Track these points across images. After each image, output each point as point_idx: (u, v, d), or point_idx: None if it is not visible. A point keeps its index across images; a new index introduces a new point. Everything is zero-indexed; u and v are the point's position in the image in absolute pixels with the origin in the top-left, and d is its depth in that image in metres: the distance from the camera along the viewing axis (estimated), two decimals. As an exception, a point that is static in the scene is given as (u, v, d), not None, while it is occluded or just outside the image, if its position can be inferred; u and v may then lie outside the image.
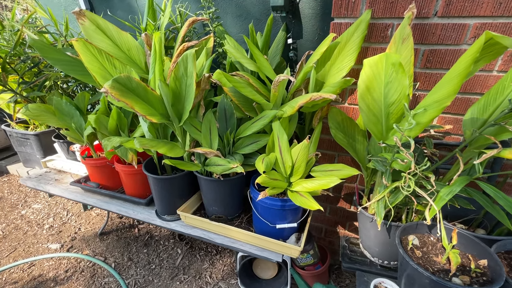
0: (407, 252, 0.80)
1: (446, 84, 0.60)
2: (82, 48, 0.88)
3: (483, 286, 0.67)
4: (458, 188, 0.67)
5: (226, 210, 1.16)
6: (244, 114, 1.13)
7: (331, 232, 1.42)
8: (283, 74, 0.90)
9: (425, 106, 0.66)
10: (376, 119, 0.83)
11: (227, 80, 0.88)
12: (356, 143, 0.99)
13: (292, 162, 0.93)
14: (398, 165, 0.74)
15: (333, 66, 0.98)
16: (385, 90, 0.78)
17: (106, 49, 1.02)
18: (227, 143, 1.07)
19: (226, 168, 0.95)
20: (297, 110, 0.88)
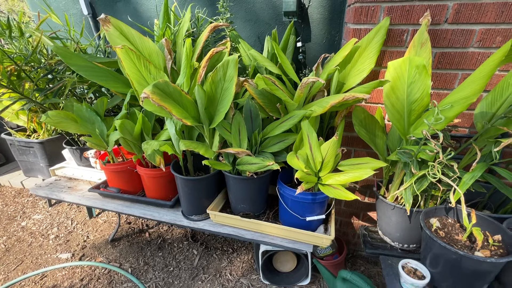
0: (433, 233, 0.90)
1: (472, 84, 0.70)
2: (124, 55, 0.91)
3: (502, 257, 0.78)
4: (479, 173, 0.78)
5: (253, 207, 1.21)
6: (267, 115, 1.19)
7: (346, 223, 1.51)
8: (311, 76, 0.98)
9: (451, 103, 0.75)
10: (399, 116, 0.92)
11: (265, 83, 0.94)
12: (376, 138, 1.08)
13: (322, 158, 1.00)
14: (425, 155, 0.83)
15: (354, 68, 1.06)
16: (408, 89, 0.87)
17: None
18: (255, 142, 1.13)
19: (261, 166, 1.00)
20: (327, 110, 0.96)
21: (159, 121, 1.43)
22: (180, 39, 1.25)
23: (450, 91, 1.04)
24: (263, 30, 1.60)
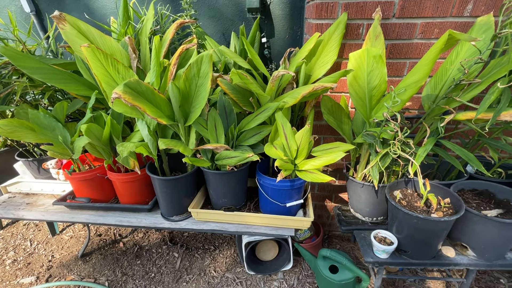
0: (397, 203, 1.02)
1: (420, 69, 0.81)
2: (90, 55, 0.85)
3: (452, 215, 0.92)
4: (430, 146, 0.91)
5: (235, 200, 1.24)
6: (241, 109, 1.22)
7: (320, 206, 1.62)
8: (282, 69, 1.03)
9: (405, 87, 0.86)
10: (362, 102, 1.02)
11: (239, 77, 0.96)
12: (343, 124, 1.18)
13: (297, 146, 1.06)
14: (387, 135, 0.94)
15: (319, 61, 1.14)
16: (368, 77, 0.97)
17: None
18: (232, 137, 1.15)
19: (241, 159, 1.03)
20: (299, 100, 1.02)
21: (127, 123, 1.37)
22: (144, 37, 1.21)
23: (401, 78, 1.18)
24: (227, 26, 1.62)
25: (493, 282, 1.38)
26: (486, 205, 1.00)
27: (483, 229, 0.93)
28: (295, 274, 1.51)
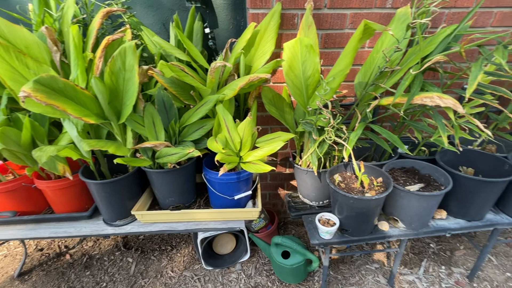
0: (336, 186, 1.09)
1: (344, 58, 0.85)
2: None
3: (382, 193, 1.01)
4: (360, 131, 0.97)
5: (183, 198, 1.20)
6: (183, 103, 1.17)
7: (274, 195, 1.66)
8: (219, 61, 1.00)
9: (333, 75, 0.90)
10: (299, 91, 1.04)
11: (171, 70, 0.92)
12: (285, 114, 1.20)
13: (240, 138, 1.06)
14: (321, 122, 0.98)
15: (257, 51, 1.14)
16: (303, 67, 0.99)
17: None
18: (173, 133, 1.11)
19: (182, 155, 1.00)
20: (237, 92, 1.01)
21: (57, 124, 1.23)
22: (66, 27, 1.08)
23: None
24: (167, 16, 1.53)
25: (424, 247, 1.56)
26: (411, 181, 1.11)
27: (408, 202, 1.04)
28: (252, 263, 1.54)
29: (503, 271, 1.39)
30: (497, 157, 1.14)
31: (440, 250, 1.53)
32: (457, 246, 1.54)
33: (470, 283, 1.34)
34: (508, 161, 1.10)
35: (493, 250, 1.51)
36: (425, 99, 0.82)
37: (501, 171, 1.11)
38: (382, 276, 1.39)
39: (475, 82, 0.70)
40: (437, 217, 1.17)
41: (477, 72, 0.71)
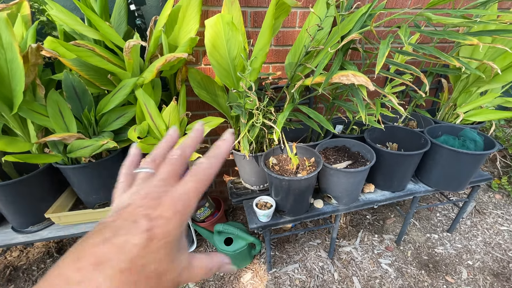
0: (270, 169, 1.08)
1: (262, 36, 0.82)
2: None
3: (312, 173, 1.03)
4: (287, 112, 0.96)
5: (110, 194, 1.09)
6: (100, 89, 1.04)
7: (220, 182, 1.62)
8: (133, 39, 0.89)
9: (255, 55, 0.86)
10: (227, 73, 0.99)
11: (67, 49, 0.78)
12: (218, 98, 1.14)
13: (166, 125, 0.98)
14: (249, 105, 0.95)
15: (182, 30, 1.04)
16: (228, 46, 0.94)
17: None
18: (89, 123, 0.98)
19: (96, 147, 0.89)
20: (156, 74, 0.91)
21: None
22: None
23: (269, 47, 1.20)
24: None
25: (362, 219, 1.68)
26: (341, 159, 1.16)
27: (337, 179, 1.08)
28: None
29: (424, 233, 1.57)
30: (415, 132, 1.24)
31: (374, 220, 1.67)
32: (388, 215, 1.70)
33: (397, 246, 1.49)
34: (423, 135, 1.20)
35: (417, 215, 1.69)
36: (342, 77, 0.83)
37: (419, 144, 1.21)
38: (323, 250, 1.47)
39: (382, 59, 0.72)
40: (366, 191, 1.24)
41: (384, 50, 0.73)
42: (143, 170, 0.25)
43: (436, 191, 1.28)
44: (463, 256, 1.43)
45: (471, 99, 1.31)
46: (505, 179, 1.84)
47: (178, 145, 0.26)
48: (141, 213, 0.20)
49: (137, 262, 0.18)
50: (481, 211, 1.72)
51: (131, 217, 0.19)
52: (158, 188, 0.22)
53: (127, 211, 0.20)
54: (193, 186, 0.22)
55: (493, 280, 1.31)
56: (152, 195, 0.21)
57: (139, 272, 0.17)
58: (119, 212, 0.20)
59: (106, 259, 0.17)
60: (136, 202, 0.21)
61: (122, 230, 0.19)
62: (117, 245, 0.18)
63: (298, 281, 1.32)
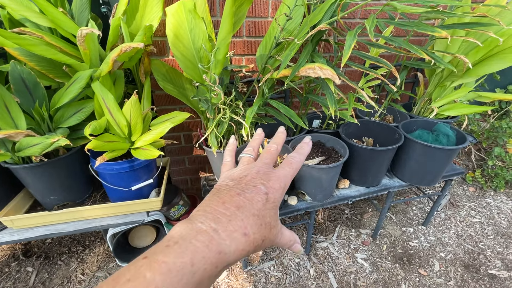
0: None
1: (223, 25, 0.76)
2: None
3: (285, 169, 0.99)
4: (256, 107, 0.91)
5: (70, 194, 1.03)
6: (54, 82, 0.96)
7: (196, 179, 1.57)
8: (86, 27, 0.82)
9: (218, 46, 0.81)
10: (192, 65, 0.93)
11: (4, 38, 0.70)
12: (187, 91, 1.08)
13: (127, 121, 0.92)
14: (214, 99, 0.90)
15: (144, 18, 0.97)
16: (192, 36, 0.88)
17: None
18: (41, 118, 0.90)
19: (46, 145, 0.82)
20: (113, 66, 0.85)
21: None
22: None
23: (240, 38, 1.15)
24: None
25: (340, 214, 1.68)
26: (315, 155, 1.13)
27: (310, 176, 1.05)
28: (174, 252, 1.46)
29: (400, 227, 1.58)
30: (390, 127, 1.23)
31: (352, 215, 1.67)
32: (366, 210, 1.71)
33: (373, 241, 1.49)
34: (398, 130, 1.19)
35: (394, 209, 1.71)
36: (309, 70, 0.79)
37: (393, 139, 1.20)
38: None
39: (348, 52, 0.69)
40: (341, 186, 1.23)
41: (350, 41, 0.69)
42: (246, 155, 0.34)
43: (410, 186, 1.28)
44: (436, 249, 1.45)
45: (445, 93, 1.31)
46: (478, 172, 1.88)
47: (272, 141, 0.34)
48: (259, 181, 0.27)
49: (261, 212, 0.25)
50: (455, 204, 1.76)
51: (251, 183, 0.27)
52: (265, 168, 0.29)
53: (246, 179, 0.27)
54: (289, 171, 0.30)
55: (464, 272, 1.34)
56: (261, 171, 0.28)
57: (262, 218, 0.25)
58: (238, 180, 0.28)
59: (243, 205, 0.24)
60: (251, 174, 0.28)
61: (248, 190, 0.26)
62: (248, 198, 0.25)
63: (274, 278, 1.31)
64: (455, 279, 1.30)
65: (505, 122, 1.81)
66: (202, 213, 0.24)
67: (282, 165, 0.30)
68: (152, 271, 0.18)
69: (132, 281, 0.18)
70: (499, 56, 1.05)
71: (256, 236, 0.24)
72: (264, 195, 0.26)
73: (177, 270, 0.19)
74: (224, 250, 0.21)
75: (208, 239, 0.21)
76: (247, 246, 0.23)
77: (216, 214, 0.23)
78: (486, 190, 1.87)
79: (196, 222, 0.23)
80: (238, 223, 0.23)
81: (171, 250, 0.20)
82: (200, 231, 0.22)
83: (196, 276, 0.19)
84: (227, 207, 0.24)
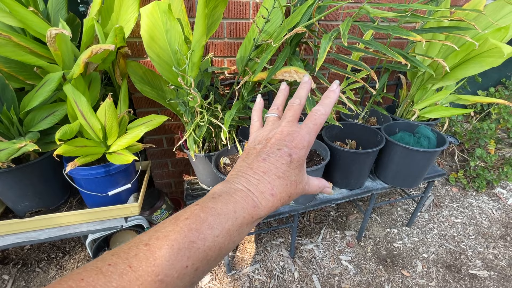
0: (220, 170, 1.02)
1: (197, 27, 0.74)
2: None
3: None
4: (234, 110, 0.90)
5: (44, 200, 0.99)
6: (25, 84, 0.92)
7: (179, 183, 1.55)
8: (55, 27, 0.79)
9: (192, 48, 0.79)
10: (169, 67, 0.91)
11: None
12: (166, 94, 1.06)
13: (102, 125, 0.89)
14: (191, 102, 0.88)
15: (120, 18, 0.94)
16: (168, 37, 0.85)
17: None
18: (10, 122, 0.87)
19: (12, 151, 0.78)
20: (84, 68, 0.82)
21: None
22: None
23: (222, 40, 1.13)
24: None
25: (325, 215, 1.68)
26: (297, 158, 1.12)
27: (291, 180, 1.04)
28: (157, 257, 1.43)
29: (384, 228, 1.59)
30: (372, 129, 1.23)
31: (338, 216, 1.67)
32: (352, 211, 1.71)
33: (358, 242, 1.50)
34: (380, 132, 1.19)
35: (379, 210, 1.72)
36: (285, 74, 0.78)
37: (376, 141, 1.20)
38: (285, 249, 1.45)
39: (324, 55, 0.68)
40: (324, 189, 1.22)
41: (325, 45, 0.68)
42: (271, 115, 0.34)
43: (393, 187, 1.29)
44: (419, 250, 1.47)
45: (427, 96, 1.32)
46: (461, 172, 1.91)
47: (296, 95, 0.33)
48: (283, 143, 0.29)
49: (285, 173, 0.28)
50: (439, 204, 1.78)
51: (276, 146, 0.29)
52: (288, 128, 0.30)
53: (271, 142, 0.29)
54: (313, 128, 0.30)
55: (445, 272, 1.36)
56: (285, 131, 0.30)
57: (286, 179, 0.28)
58: (265, 143, 0.30)
59: (268, 170, 0.27)
60: (275, 136, 0.30)
61: (273, 154, 0.28)
62: (273, 163, 0.28)
63: (258, 282, 1.29)
64: (437, 280, 1.32)
65: (486, 123, 1.85)
66: (235, 176, 0.28)
67: (306, 121, 0.31)
68: (205, 212, 0.23)
69: (190, 219, 0.23)
70: (476, 59, 1.07)
71: (282, 195, 0.28)
72: (288, 157, 0.28)
73: (224, 214, 0.24)
74: (258, 205, 0.26)
75: (244, 195, 0.26)
76: (275, 203, 0.27)
77: (248, 177, 0.27)
78: (468, 191, 1.90)
79: (233, 183, 0.27)
80: (266, 185, 0.27)
81: (217, 200, 0.25)
82: (237, 189, 0.26)
83: (238, 221, 0.25)
84: (256, 172, 0.27)
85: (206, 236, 0.22)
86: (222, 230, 0.23)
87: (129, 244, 0.22)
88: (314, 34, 0.81)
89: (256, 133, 0.33)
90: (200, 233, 0.22)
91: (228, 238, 0.24)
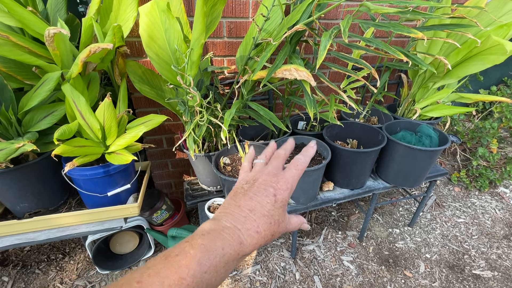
0: (220, 170, 1.02)
1: (196, 25, 0.74)
2: None
3: (266, 173, 0.97)
4: (234, 109, 0.89)
5: (43, 201, 0.99)
6: (23, 84, 0.92)
7: (180, 183, 1.54)
8: (53, 27, 0.78)
9: (191, 47, 0.78)
10: (169, 66, 0.90)
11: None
12: (165, 93, 1.05)
13: (100, 124, 0.88)
14: (191, 101, 0.87)
15: (119, 18, 0.94)
16: (167, 36, 0.85)
17: None
18: (9, 122, 0.86)
19: (10, 151, 0.78)
20: (83, 67, 0.81)
21: None
22: None
23: (221, 39, 1.12)
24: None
25: (327, 216, 1.67)
26: (298, 157, 1.11)
27: (292, 179, 1.03)
28: (157, 258, 1.42)
29: (386, 228, 1.58)
30: (374, 128, 1.22)
31: (339, 217, 1.66)
32: (353, 211, 1.70)
33: (360, 243, 1.49)
34: (381, 132, 1.18)
35: (381, 210, 1.71)
36: (285, 72, 0.77)
37: (377, 140, 1.19)
38: (286, 250, 1.44)
39: (324, 52, 0.67)
40: (325, 189, 1.21)
41: (326, 42, 0.67)
42: (259, 161, 0.37)
43: (394, 187, 1.28)
44: (421, 250, 1.45)
45: (428, 94, 1.31)
46: (463, 172, 1.90)
47: (282, 147, 0.38)
48: (269, 184, 0.31)
49: (270, 212, 0.30)
50: (441, 204, 1.77)
51: (262, 186, 0.31)
52: (274, 171, 0.33)
53: (258, 182, 0.32)
54: (296, 172, 0.34)
55: (449, 272, 1.34)
56: (271, 174, 0.33)
57: (271, 217, 0.30)
58: (252, 182, 0.32)
59: (255, 208, 0.30)
60: (262, 177, 0.32)
61: (259, 193, 0.31)
62: (259, 201, 0.30)
63: (259, 283, 1.28)
64: (440, 280, 1.30)
65: (489, 122, 1.83)
66: (223, 214, 0.30)
67: (289, 167, 0.34)
68: (194, 249, 0.25)
69: (180, 256, 0.24)
70: (478, 57, 1.06)
71: (266, 232, 0.29)
72: (273, 197, 0.30)
73: (213, 250, 0.25)
74: (243, 242, 0.28)
75: (232, 232, 0.28)
76: (259, 241, 0.29)
77: (235, 215, 0.29)
78: (471, 190, 1.89)
79: (221, 221, 0.29)
80: (252, 223, 0.29)
81: (206, 237, 0.26)
82: (225, 227, 0.28)
83: (225, 257, 0.26)
84: (243, 210, 0.29)
85: (195, 272, 0.24)
86: (210, 266, 0.25)
87: (121, 281, 0.23)
88: (314, 32, 0.80)
89: (245, 174, 0.36)
90: (190, 269, 0.23)
91: (215, 274, 0.25)
